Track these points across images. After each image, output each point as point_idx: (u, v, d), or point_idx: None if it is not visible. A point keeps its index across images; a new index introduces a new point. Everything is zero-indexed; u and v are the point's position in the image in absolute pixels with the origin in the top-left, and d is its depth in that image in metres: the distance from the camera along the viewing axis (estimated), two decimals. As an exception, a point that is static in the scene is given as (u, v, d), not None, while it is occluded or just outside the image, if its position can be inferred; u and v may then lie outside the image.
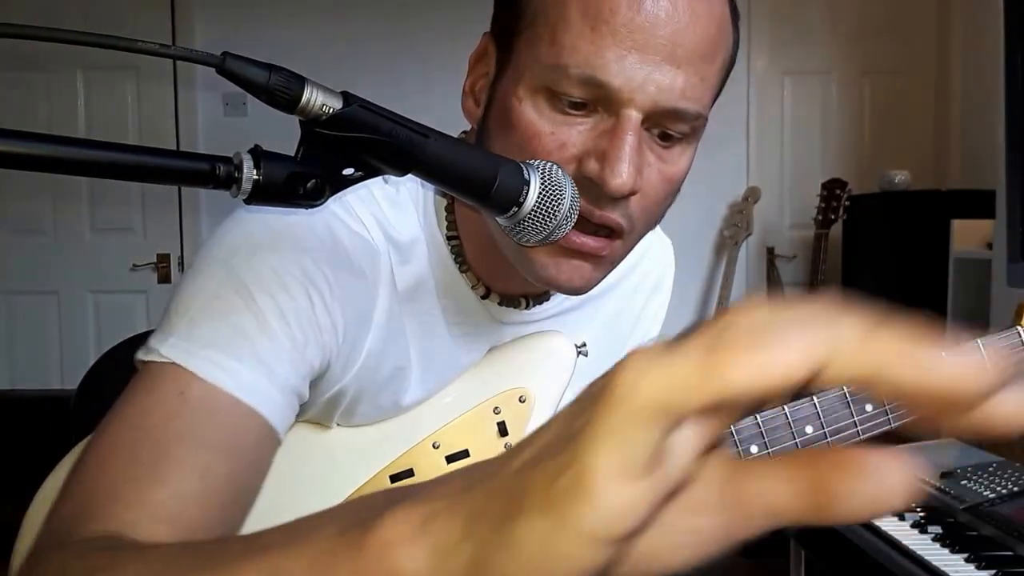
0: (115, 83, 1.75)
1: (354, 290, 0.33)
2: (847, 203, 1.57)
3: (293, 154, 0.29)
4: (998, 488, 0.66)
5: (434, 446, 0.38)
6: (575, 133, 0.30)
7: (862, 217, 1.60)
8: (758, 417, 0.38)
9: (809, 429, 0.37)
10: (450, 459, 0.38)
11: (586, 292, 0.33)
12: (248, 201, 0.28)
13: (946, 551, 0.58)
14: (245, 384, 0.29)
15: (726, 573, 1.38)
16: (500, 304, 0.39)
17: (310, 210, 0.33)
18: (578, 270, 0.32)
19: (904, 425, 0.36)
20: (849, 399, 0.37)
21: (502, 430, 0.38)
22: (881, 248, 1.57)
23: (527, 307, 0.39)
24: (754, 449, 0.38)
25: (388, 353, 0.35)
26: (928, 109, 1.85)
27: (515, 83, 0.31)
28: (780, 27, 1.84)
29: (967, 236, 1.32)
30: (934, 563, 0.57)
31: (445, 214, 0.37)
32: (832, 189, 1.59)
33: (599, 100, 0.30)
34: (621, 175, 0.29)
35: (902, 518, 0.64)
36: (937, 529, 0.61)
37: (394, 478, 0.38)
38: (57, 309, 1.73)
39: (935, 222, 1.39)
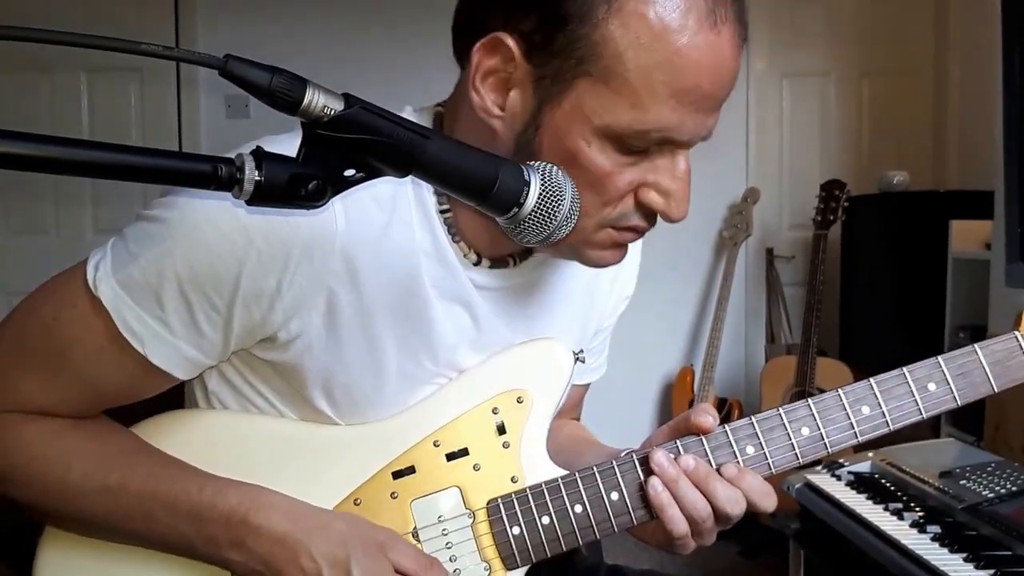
0: (118, 85, 1.75)
1: (297, 252, 0.34)
2: (846, 204, 1.57)
3: (295, 155, 0.29)
4: (997, 488, 0.66)
5: (435, 444, 0.39)
6: (637, 170, 0.34)
7: (861, 218, 1.61)
8: (753, 419, 0.38)
9: (805, 431, 0.38)
10: (450, 457, 0.39)
11: None
12: (250, 202, 0.28)
13: (945, 551, 0.58)
14: (163, 353, 0.36)
15: (726, 572, 1.38)
16: (491, 267, 0.40)
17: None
18: (617, 255, 0.38)
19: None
20: (845, 401, 0.38)
21: (500, 429, 0.39)
22: (880, 249, 1.57)
23: (515, 264, 0.41)
24: (750, 450, 0.38)
25: (343, 304, 0.36)
26: (926, 110, 1.85)
27: (579, 124, 0.33)
28: (779, 29, 1.84)
29: (966, 237, 1.32)
30: (933, 562, 0.57)
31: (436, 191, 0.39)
32: (831, 190, 1.59)
33: (659, 146, 0.34)
34: (684, 212, 0.35)
35: (901, 517, 0.64)
36: (936, 529, 0.61)
37: (396, 474, 0.39)
38: (58, 310, 1.77)
39: (934, 223, 1.38)
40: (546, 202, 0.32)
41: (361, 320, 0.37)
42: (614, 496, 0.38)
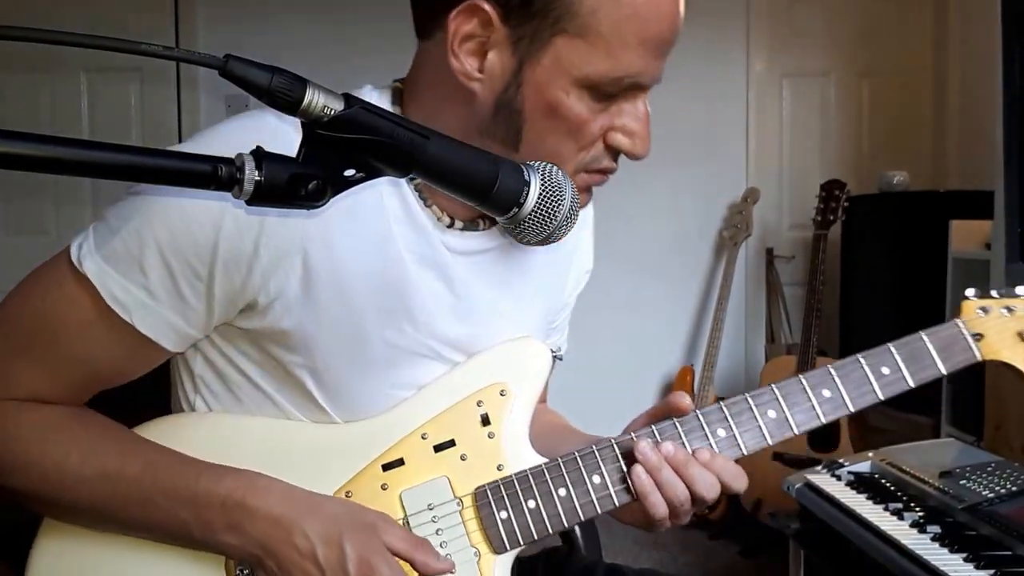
0: (118, 85, 1.75)
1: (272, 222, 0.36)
2: (846, 204, 1.57)
3: (295, 156, 0.29)
4: (997, 488, 0.66)
5: (422, 437, 0.40)
6: (606, 115, 0.37)
7: (861, 218, 1.60)
8: (723, 403, 0.40)
9: (772, 413, 0.40)
10: (437, 448, 0.40)
11: None
12: (250, 202, 0.28)
13: (945, 551, 0.58)
14: (149, 321, 0.37)
15: (726, 572, 1.38)
16: (463, 229, 0.41)
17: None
18: (587, 199, 0.41)
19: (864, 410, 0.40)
20: (806, 384, 0.40)
21: (485, 420, 0.40)
22: (880, 249, 1.56)
23: (486, 227, 0.42)
24: (721, 432, 0.40)
25: (319, 267, 0.38)
26: (926, 110, 1.85)
27: (559, 77, 0.36)
28: (779, 30, 1.84)
29: (966, 237, 1.31)
30: (933, 563, 0.57)
31: None
32: (831, 190, 1.59)
33: (626, 91, 0.37)
34: (647, 150, 0.38)
35: (901, 517, 0.64)
36: (936, 529, 0.61)
37: (386, 467, 0.40)
38: (58, 310, 1.76)
39: (934, 223, 1.38)
40: (546, 202, 0.33)
41: (337, 284, 0.38)
42: (596, 480, 0.39)
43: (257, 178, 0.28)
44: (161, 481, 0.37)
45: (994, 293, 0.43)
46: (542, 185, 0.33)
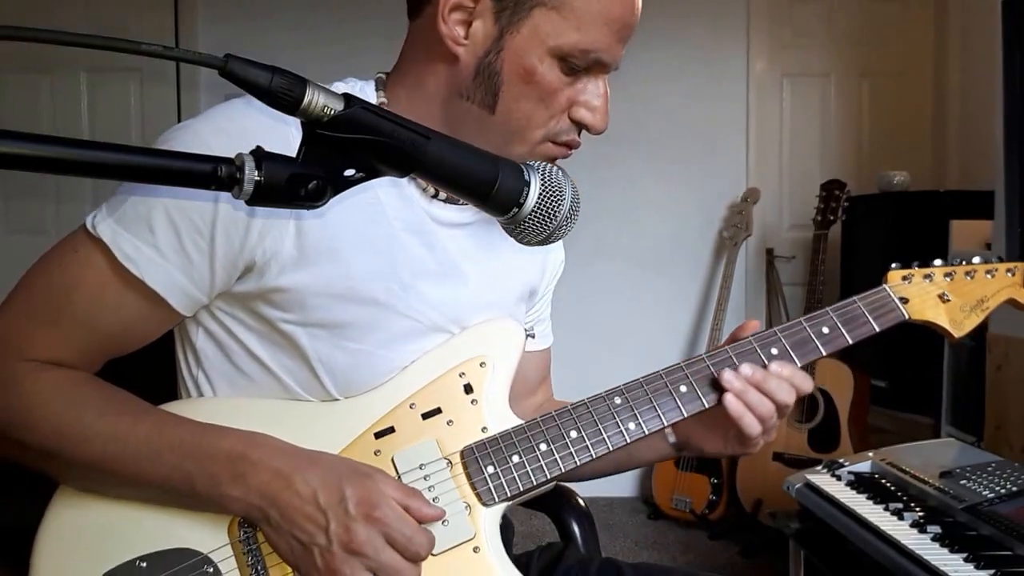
0: (118, 85, 1.76)
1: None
2: (846, 204, 1.57)
3: (294, 155, 0.29)
4: (997, 488, 0.66)
5: (411, 407, 0.43)
6: (572, 90, 0.42)
7: (861, 218, 1.60)
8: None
9: (775, 351, 0.45)
10: (425, 416, 0.43)
11: None
12: (250, 202, 0.28)
13: (945, 551, 0.58)
14: (158, 276, 0.39)
15: (726, 572, 1.38)
16: (445, 201, 0.45)
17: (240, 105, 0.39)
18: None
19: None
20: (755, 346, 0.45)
21: (468, 389, 0.44)
22: (880, 248, 1.56)
23: (460, 203, 0.45)
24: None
25: (310, 228, 0.40)
26: (926, 110, 1.85)
27: (535, 46, 0.40)
28: (779, 30, 1.84)
29: (966, 237, 1.31)
30: (933, 563, 0.57)
31: None
32: (831, 190, 1.59)
33: (592, 67, 0.42)
34: (605, 124, 0.43)
35: (901, 517, 0.64)
36: (936, 529, 0.61)
37: (378, 435, 0.42)
38: (58, 311, 1.76)
39: (934, 223, 1.38)
40: (546, 202, 0.33)
41: (328, 244, 0.41)
42: (573, 434, 0.43)
43: (257, 178, 0.28)
44: (168, 437, 0.39)
45: (915, 265, 0.48)
46: (542, 185, 0.33)
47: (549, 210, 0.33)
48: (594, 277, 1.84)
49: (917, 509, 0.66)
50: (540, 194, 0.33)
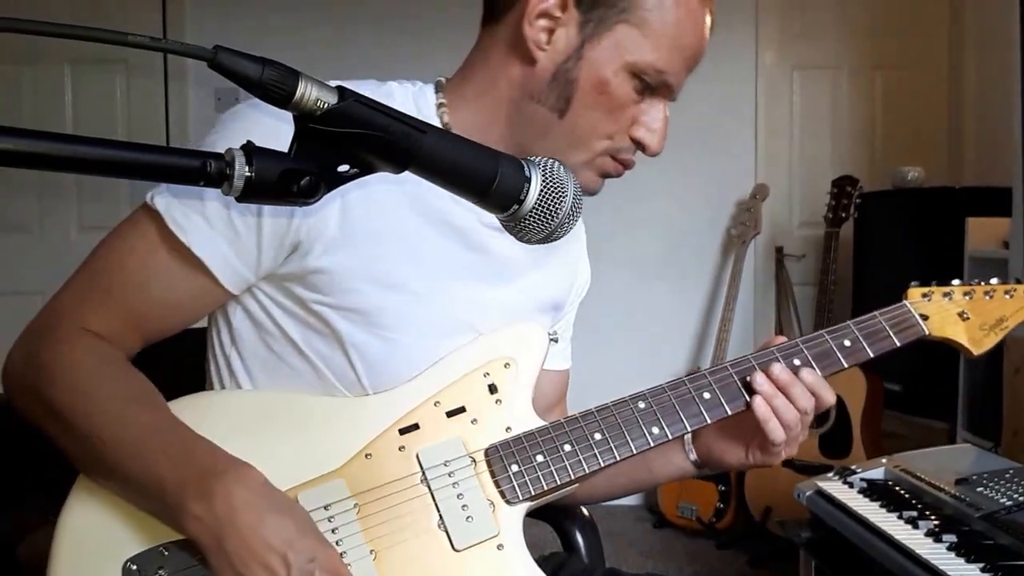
0: (103, 77, 1.70)
1: None
2: (858, 201, 1.54)
3: (287, 150, 0.28)
4: (1016, 495, 0.64)
5: (435, 404, 0.44)
6: (637, 109, 0.45)
7: (874, 215, 1.57)
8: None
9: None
10: (450, 414, 0.44)
11: None
12: (240, 199, 0.28)
13: (961, 560, 0.57)
14: (204, 243, 0.40)
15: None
16: None
17: None
18: (600, 185, 0.47)
19: None
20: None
21: (492, 389, 0.45)
22: (893, 247, 1.53)
23: None
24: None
25: (355, 210, 0.42)
26: (941, 104, 1.81)
27: (613, 59, 0.43)
28: (789, 21, 1.80)
29: (982, 234, 1.28)
30: (949, 573, 0.56)
31: (440, 124, 0.45)
32: (843, 186, 1.56)
33: (659, 88, 0.44)
34: (661, 147, 0.45)
35: (916, 526, 0.63)
36: (952, 538, 0.60)
37: (402, 431, 0.43)
38: (41, 311, 1.76)
39: (949, 220, 1.35)
40: (548, 198, 0.32)
41: (371, 229, 0.42)
42: (597, 436, 0.44)
43: (247, 174, 0.27)
44: (162, 437, 0.39)
45: (933, 283, 0.50)
46: (543, 181, 0.32)
47: (550, 207, 0.32)
48: (599, 275, 1.78)
49: (932, 517, 0.65)
50: (541, 191, 0.32)
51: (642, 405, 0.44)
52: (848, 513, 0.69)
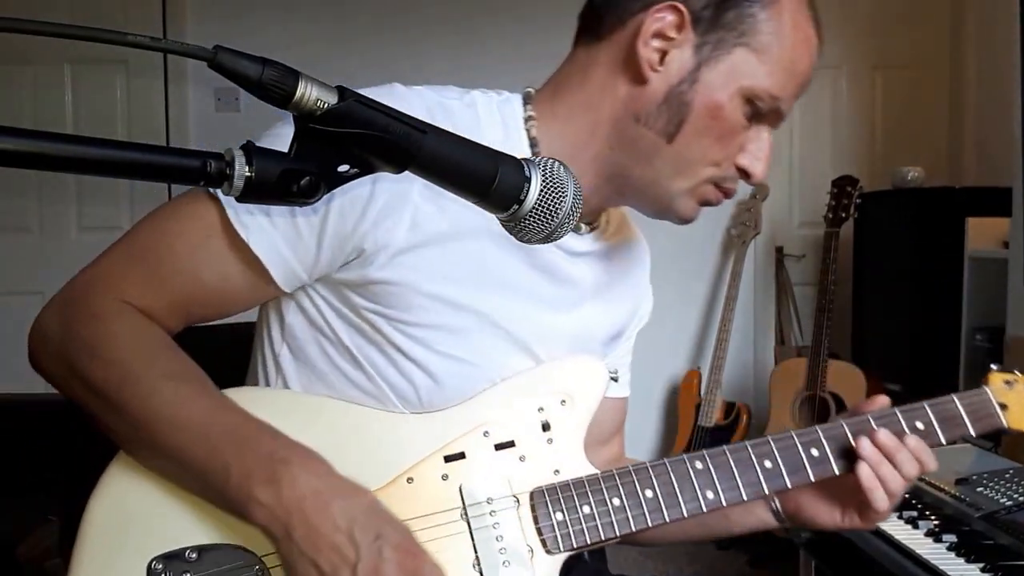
0: (104, 77, 1.70)
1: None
2: (858, 201, 1.54)
3: (287, 150, 0.28)
4: (1015, 495, 0.64)
5: (484, 434, 0.42)
6: (745, 136, 0.44)
7: (874, 215, 1.57)
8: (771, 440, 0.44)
9: (815, 451, 0.44)
10: (498, 447, 0.42)
11: None
12: (240, 199, 0.27)
13: (961, 560, 0.57)
14: (264, 243, 0.39)
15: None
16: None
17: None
18: (698, 213, 0.46)
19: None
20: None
21: (545, 427, 0.43)
22: (894, 247, 1.53)
23: (585, 232, 0.47)
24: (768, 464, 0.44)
25: (425, 223, 0.41)
26: (942, 104, 1.81)
27: (729, 83, 0.42)
28: (790, 22, 1.82)
29: (982, 234, 1.28)
30: (949, 573, 0.55)
31: (528, 138, 0.44)
32: (843, 186, 1.56)
33: (769, 115, 0.43)
34: (764, 175, 0.44)
35: (916, 526, 0.63)
36: (952, 538, 0.60)
37: (447, 458, 0.42)
38: (42, 310, 1.74)
39: (949, 220, 1.35)
40: (548, 198, 0.32)
41: (439, 244, 0.41)
42: (648, 493, 0.42)
43: (247, 174, 0.27)
44: (223, 419, 0.38)
45: (1016, 372, 0.49)
46: (543, 181, 0.32)
47: (550, 207, 0.32)
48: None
49: (932, 517, 0.64)
50: (541, 191, 0.32)
51: (699, 465, 0.42)
52: (848, 513, 0.69)
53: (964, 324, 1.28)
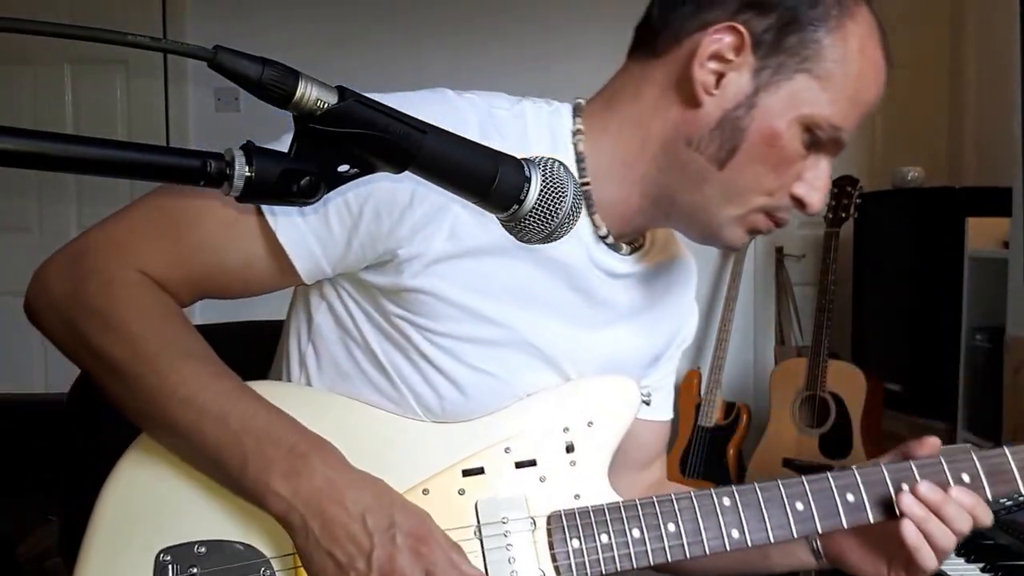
0: (104, 77, 1.71)
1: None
2: (858, 201, 1.53)
3: (287, 150, 0.28)
4: (1015, 495, 0.64)
5: (505, 451, 0.41)
6: (802, 165, 0.41)
7: (874, 215, 1.57)
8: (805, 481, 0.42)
9: (850, 497, 0.42)
10: (518, 465, 0.41)
11: None
12: (240, 199, 0.27)
13: (961, 560, 0.57)
14: (291, 234, 0.38)
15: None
16: (610, 246, 0.44)
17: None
18: (746, 240, 0.44)
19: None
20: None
21: (569, 448, 0.41)
22: (894, 247, 1.53)
23: (627, 253, 0.45)
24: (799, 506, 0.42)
25: (464, 234, 0.39)
26: (942, 104, 1.81)
27: (788, 110, 0.40)
28: (790, 22, 1.82)
29: (982, 234, 1.28)
30: (949, 573, 0.55)
31: (574, 152, 0.42)
32: (843, 186, 1.55)
33: (829, 144, 0.41)
34: (821, 206, 0.42)
35: None
36: (953, 538, 0.61)
37: (466, 472, 0.41)
38: (41, 311, 1.73)
39: (949, 220, 1.35)
40: (548, 198, 0.32)
41: (476, 256, 0.40)
42: (671, 527, 0.40)
43: (247, 174, 0.27)
44: (242, 405, 0.37)
45: None
46: (543, 181, 0.32)
47: (550, 207, 0.32)
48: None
49: None
50: (541, 191, 0.32)
51: (727, 502, 0.40)
52: (848, 513, 0.69)
53: (964, 324, 1.28)
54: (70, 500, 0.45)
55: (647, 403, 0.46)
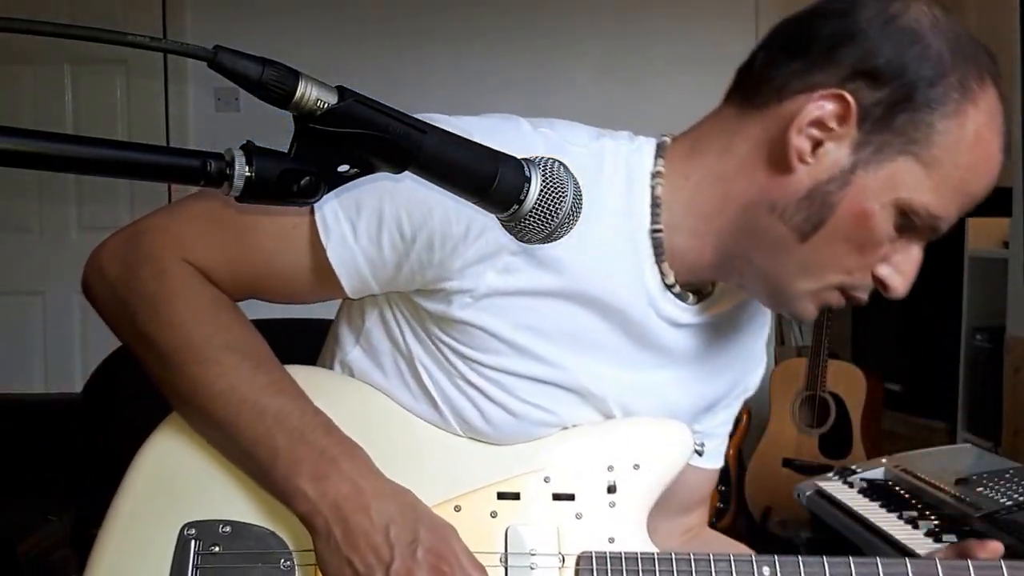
0: (103, 77, 1.70)
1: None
2: (858, 201, 1.53)
3: (287, 150, 0.28)
4: (1016, 495, 0.64)
5: (545, 480, 0.40)
6: (890, 247, 0.38)
7: (873, 216, 1.59)
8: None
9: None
10: (556, 497, 0.40)
11: None
12: (240, 199, 0.27)
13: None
14: (341, 252, 0.38)
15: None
16: (677, 295, 0.41)
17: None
18: (815, 314, 0.41)
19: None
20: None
21: (611, 489, 0.40)
22: (893, 247, 1.54)
23: (693, 303, 0.42)
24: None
25: (519, 273, 0.38)
26: (942, 105, 1.82)
27: (885, 192, 0.36)
28: (790, 22, 1.82)
29: (982, 234, 1.28)
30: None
31: (651, 196, 0.40)
32: (843, 187, 1.55)
33: (920, 231, 0.38)
34: (906, 291, 0.39)
35: (916, 526, 0.63)
36: (952, 538, 0.60)
37: (500, 495, 0.40)
38: (42, 310, 1.63)
39: (949, 220, 1.37)
40: (548, 199, 0.32)
41: (530, 297, 0.39)
42: None
43: (248, 174, 0.27)
44: (279, 403, 0.37)
45: None
46: (543, 181, 0.32)
47: (550, 207, 0.31)
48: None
49: (932, 518, 0.65)
50: (541, 191, 0.31)
51: (766, 572, 0.38)
52: (848, 513, 0.69)
53: (964, 324, 1.28)
54: (73, 498, 0.44)
55: (699, 453, 0.44)
